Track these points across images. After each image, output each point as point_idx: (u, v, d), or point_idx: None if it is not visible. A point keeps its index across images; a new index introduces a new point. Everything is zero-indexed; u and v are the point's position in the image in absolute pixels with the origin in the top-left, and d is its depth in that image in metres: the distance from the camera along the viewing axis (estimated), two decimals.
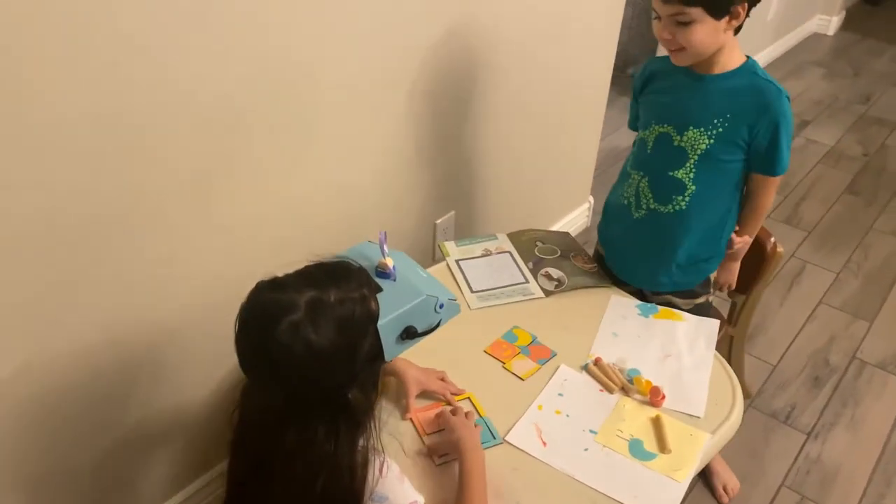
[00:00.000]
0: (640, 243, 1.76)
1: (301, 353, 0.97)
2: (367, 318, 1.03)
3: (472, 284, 1.79)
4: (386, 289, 1.07)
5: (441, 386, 1.46)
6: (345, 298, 1.01)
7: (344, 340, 1.00)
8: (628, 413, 1.48)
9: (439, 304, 1.12)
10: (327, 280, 1.02)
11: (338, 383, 1.03)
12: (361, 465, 1.07)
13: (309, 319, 0.98)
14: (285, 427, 1.06)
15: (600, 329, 1.69)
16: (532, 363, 1.58)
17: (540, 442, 1.41)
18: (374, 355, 1.06)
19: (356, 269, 1.08)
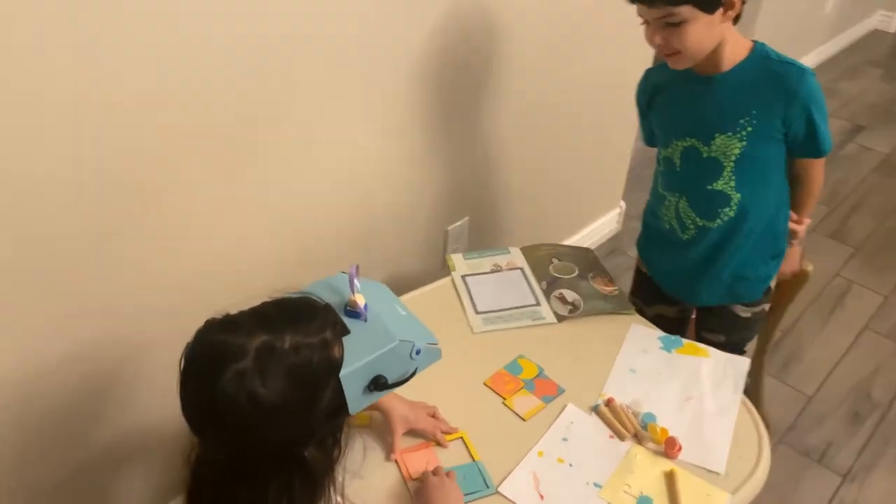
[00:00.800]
0: (693, 263, 1.60)
1: (246, 407, 0.84)
2: (327, 368, 0.89)
3: (478, 304, 1.64)
4: (354, 331, 0.93)
5: (431, 424, 1.31)
6: (301, 344, 0.87)
7: (298, 393, 0.86)
8: (639, 465, 1.32)
9: (415, 350, 0.98)
10: (284, 321, 0.88)
11: (291, 440, 0.89)
12: None
13: (257, 369, 0.84)
14: (236, 482, 0.93)
15: (616, 363, 1.52)
16: (536, 400, 1.43)
17: (537, 495, 1.26)
18: (335, 408, 0.92)
19: (321, 307, 0.93)
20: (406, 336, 0.96)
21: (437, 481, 1.20)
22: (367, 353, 0.92)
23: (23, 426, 1.31)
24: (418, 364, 0.99)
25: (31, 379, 1.28)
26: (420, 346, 0.98)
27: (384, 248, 1.85)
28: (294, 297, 0.94)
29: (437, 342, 1.02)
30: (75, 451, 1.43)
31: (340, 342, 0.91)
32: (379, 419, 1.32)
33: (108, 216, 1.25)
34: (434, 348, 1.02)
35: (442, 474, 1.22)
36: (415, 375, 0.99)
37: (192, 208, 1.37)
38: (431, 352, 1.01)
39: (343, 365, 0.90)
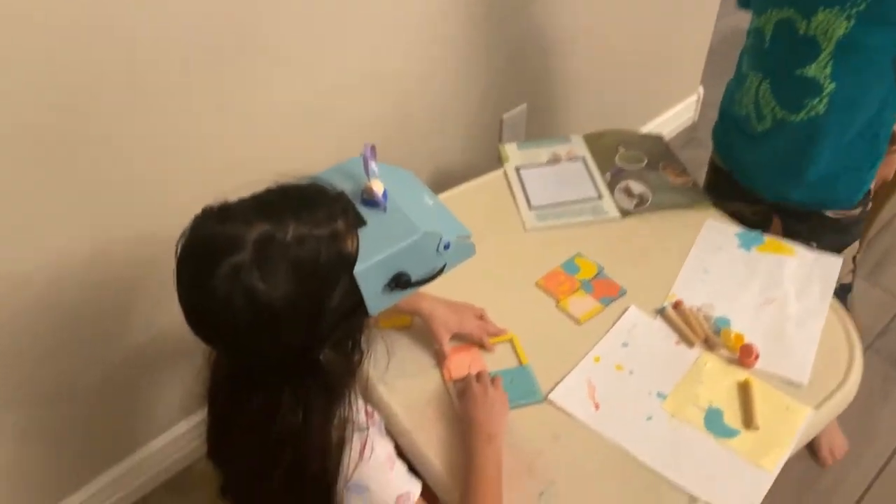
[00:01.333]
0: (772, 159, 1.38)
1: (244, 306, 0.73)
2: (337, 262, 0.77)
3: (532, 198, 1.48)
4: (372, 222, 0.80)
5: (477, 327, 1.20)
6: (307, 235, 0.75)
7: (304, 290, 0.75)
8: (709, 374, 1.18)
9: (443, 244, 0.84)
10: (288, 209, 0.76)
11: (301, 343, 0.79)
12: (336, 445, 0.85)
13: (255, 262, 0.73)
14: (249, 390, 0.84)
15: (687, 262, 1.36)
16: (594, 302, 1.29)
17: (592, 403, 1.14)
18: (350, 309, 0.80)
19: (332, 194, 0.81)
20: (432, 227, 0.83)
21: (480, 389, 1.09)
22: (386, 247, 0.79)
23: (54, 326, 1.27)
24: (447, 260, 0.86)
25: (60, 278, 1.23)
26: (449, 239, 0.84)
27: (430, 139, 1.70)
28: (301, 184, 0.81)
29: (470, 235, 0.89)
30: (107, 352, 1.39)
31: (355, 234, 0.79)
32: (420, 323, 1.21)
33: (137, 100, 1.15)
34: (466, 243, 0.88)
35: (486, 381, 1.12)
36: (442, 273, 0.86)
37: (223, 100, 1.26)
38: (463, 247, 0.88)
39: (358, 260, 0.78)
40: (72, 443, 1.44)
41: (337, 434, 0.85)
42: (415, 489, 0.90)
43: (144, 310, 1.40)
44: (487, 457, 0.99)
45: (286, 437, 0.83)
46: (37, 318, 1.24)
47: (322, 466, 0.84)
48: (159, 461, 1.61)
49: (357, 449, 0.86)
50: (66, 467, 1.47)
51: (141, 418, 1.54)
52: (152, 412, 1.56)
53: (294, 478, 0.85)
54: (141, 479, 1.60)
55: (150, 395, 1.53)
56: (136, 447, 1.57)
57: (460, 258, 0.88)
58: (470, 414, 1.05)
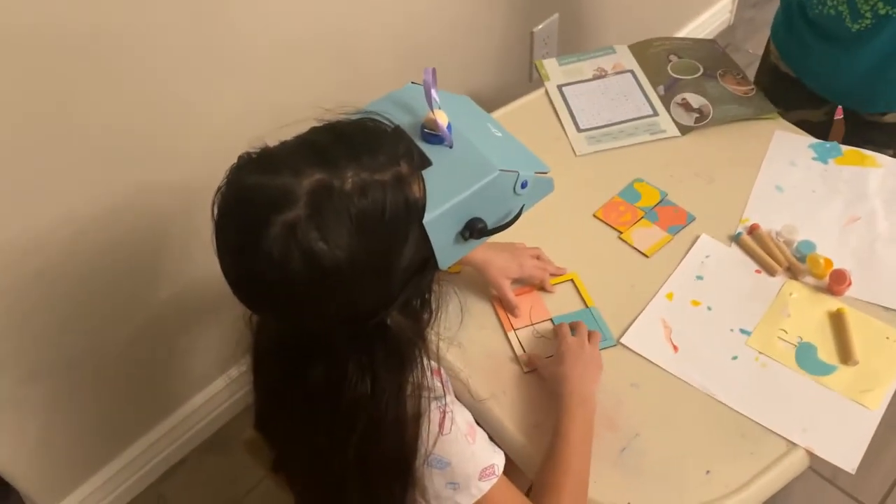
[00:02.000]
0: (862, 65, 1.22)
1: (302, 272, 0.61)
2: (405, 212, 0.64)
3: (580, 120, 1.34)
4: (437, 161, 0.67)
5: (536, 267, 1.08)
6: (369, 183, 0.62)
7: (370, 248, 0.63)
8: (796, 305, 1.07)
9: (521, 183, 0.71)
10: (342, 153, 0.63)
11: (367, 308, 0.67)
12: (413, 417, 0.74)
13: (312, 218, 0.60)
14: (306, 360, 0.74)
15: (758, 181, 1.23)
16: (660, 232, 1.17)
17: (669, 346, 1.03)
18: (420, 264, 0.68)
19: (389, 131, 0.67)
20: (508, 164, 0.69)
21: (576, 343, 0.98)
22: (458, 190, 0.66)
23: (73, 288, 1.17)
24: (525, 201, 0.73)
25: (75, 237, 1.12)
26: (527, 176, 0.71)
27: (454, 57, 1.54)
28: (352, 120, 0.68)
29: (549, 170, 0.75)
30: (132, 311, 1.29)
31: (420, 177, 0.66)
32: (471, 273, 1.09)
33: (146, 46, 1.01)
34: (545, 179, 0.75)
35: (584, 334, 1.01)
36: (520, 216, 0.73)
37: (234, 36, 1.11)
38: (541, 183, 0.75)
39: (426, 207, 0.65)
40: (105, 409, 1.36)
41: (412, 404, 0.74)
42: (499, 461, 0.80)
43: (167, 264, 1.29)
44: (578, 420, 0.89)
45: (355, 411, 0.73)
46: (55, 280, 1.14)
47: (398, 442, 0.74)
48: (196, 421, 1.54)
49: (436, 420, 0.75)
50: (101, 434, 1.40)
51: (175, 378, 1.46)
52: (186, 371, 1.47)
53: (366, 456, 0.75)
54: (178, 441, 1.54)
55: (182, 353, 1.44)
56: (171, 409, 1.50)
57: (538, 197, 0.75)
58: (563, 371, 0.95)
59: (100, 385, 1.31)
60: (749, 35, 2.41)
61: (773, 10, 1.40)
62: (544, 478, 0.87)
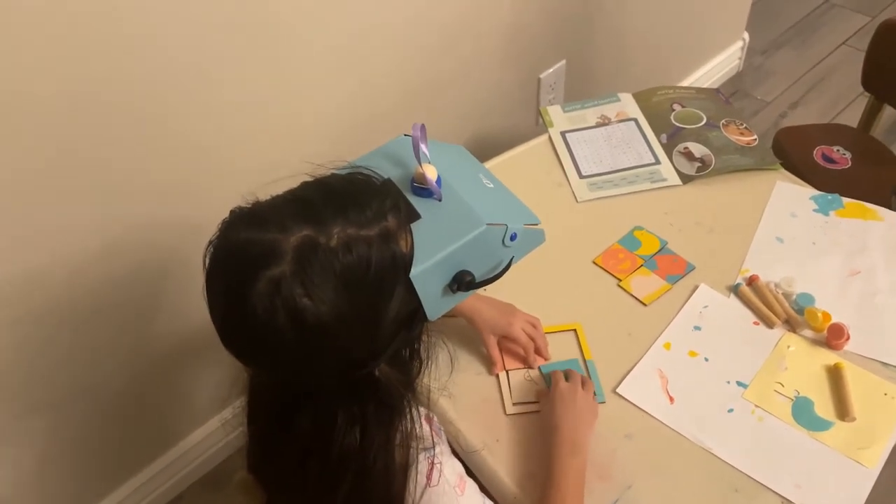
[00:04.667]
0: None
1: (287, 327, 0.62)
2: (392, 267, 0.65)
3: (582, 167, 1.36)
4: (426, 214, 0.68)
5: (525, 333, 1.07)
6: (355, 238, 0.63)
7: (355, 303, 0.64)
8: (794, 358, 1.06)
9: (510, 236, 0.72)
10: (330, 207, 0.65)
11: (353, 361, 0.68)
12: (401, 468, 0.74)
13: (297, 275, 0.62)
14: (296, 409, 0.74)
15: (759, 232, 1.23)
16: (659, 281, 1.17)
17: (665, 397, 1.03)
18: (407, 316, 0.69)
19: (378, 185, 0.69)
20: (496, 217, 0.71)
21: (568, 389, 0.98)
22: (446, 244, 0.68)
23: (73, 324, 1.18)
24: (514, 253, 0.74)
25: (74, 274, 1.13)
26: (516, 228, 0.72)
27: (460, 103, 1.56)
28: (341, 175, 0.69)
29: (539, 222, 0.77)
30: (131, 348, 1.30)
31: (408, 231, 0.67)
32: (462, 324, 1.10)
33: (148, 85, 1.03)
34: (535, 231, 0.76)
35: (577, 380, 1.01)
36: (510, 268, 0.74)
37: (238, 78, 1.13)
38: (531, 235, 0.76)
39: (414, 262, 0.66)
40: (102, 444, 1.37)
41: (401, 455, 0.74)
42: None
43: (167, 301, 1.30)
44: (570, 470, 0.89)
45: (343, 462, 0.73)
46: (55, 315, 1.15)
47: (386, 493, 0.74)
48: (193, 458, 1.54)
49: (424, 471, 0.75)
50: (98, 470, 1.40)
51: (172, 414, 1.46)
52: (184, 408, 1.48)
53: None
54: (175, 477, 1.53)
55: (180, 389, 1.45)
56: (169, 445, 1.50)
57: (528, 248, 0.76)
58: (555, 418, 0.95)
59: (97, 420, 1.31)
60: (758, 82, 2.43)
61: (781, 57, 1.41)
62: None
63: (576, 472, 0.90)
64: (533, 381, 1.06)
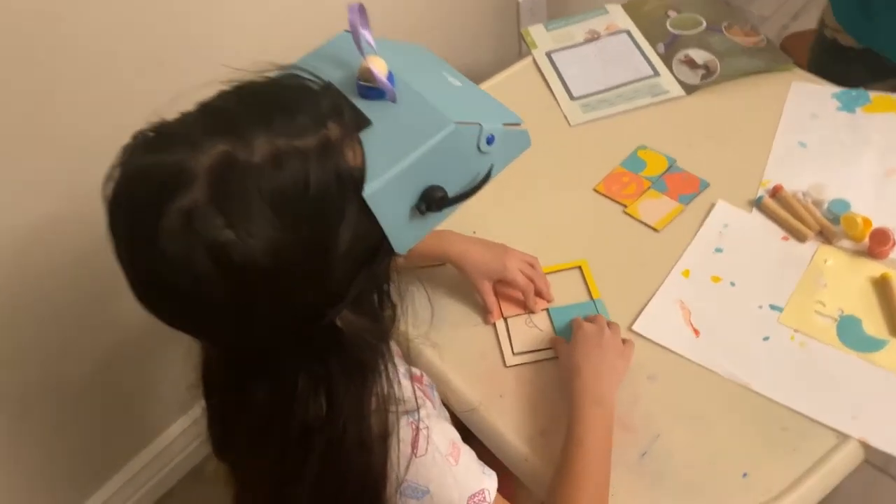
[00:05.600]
0: None
1: (209, 271, 0.48)
2: (337, 185, 0.51)
3: (573, 87, 1.21)
4: (378, 120, 0.54)
5: (523, 274, 0.93)
6: (286, 151, 0.49)
7: (294, 234, 0.50)
8: (834, 274, 0.92)
9: (486, 138, 0.58)
10: (252, 116, 0.50)
11: (304, 310, 0.55)
12: (379, 437, 0.61)
13: (214, 202, 0.48)
14: (249, 376, 0.61)
15: (777, 138, 1.09)
16: (670, 203, 1.03)
17: (689, 330, 0.90)
18: (368, 250, 0.55)
19: (315, 89, 0.54)
20: (467, 116, 0.56)
21: (593, 330, 0.85)
22: (405, 153, 0.53)
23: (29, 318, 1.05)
24: (493, 159, 0.60)
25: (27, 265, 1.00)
26: (492, 129, 0.58)
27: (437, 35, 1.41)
28: (267, 80, 0.55)
29: (521, 122, 0.62)
30: (96, 337, 1.17)
31: (357, 140, 0.53)
32: (452, 273, 0.96)
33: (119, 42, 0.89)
34: (517, 132, 0.62)
35: (602, 321, 0.87)
36: (490, 179, 0.60)
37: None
38: (513, 138, 0.61)
39: (367, 177, 0.52)
40: (78, 442, 1.24)
41: (378, 421, 0.61)
42: (490, 484, 0.67)
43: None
44: (594, 421, 0.76)
45: (309, 435, 0.60)
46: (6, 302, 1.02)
47: (363, 468, 0.61)
48: (178, 450, 1.41)
49: (407, 439, 0.62)
50: (74, 470, 1.28)
51: (150, 405, 1.34)
52: (165, 395, 1.35)
53: (327, 486, 0.62)
54: (162, 472, 1.41)
55: (156, 377, 1.32)
56: (149, 439, 1.37)
57: (512, 154, 0.62)
58: (575, 360, 0.81)
59: (66, 419, 1.19)
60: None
61: None
62: (558, 492, 0.73)
63: (601, 425, 0.76)
64: (536, 327, 0.92)
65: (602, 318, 0.88)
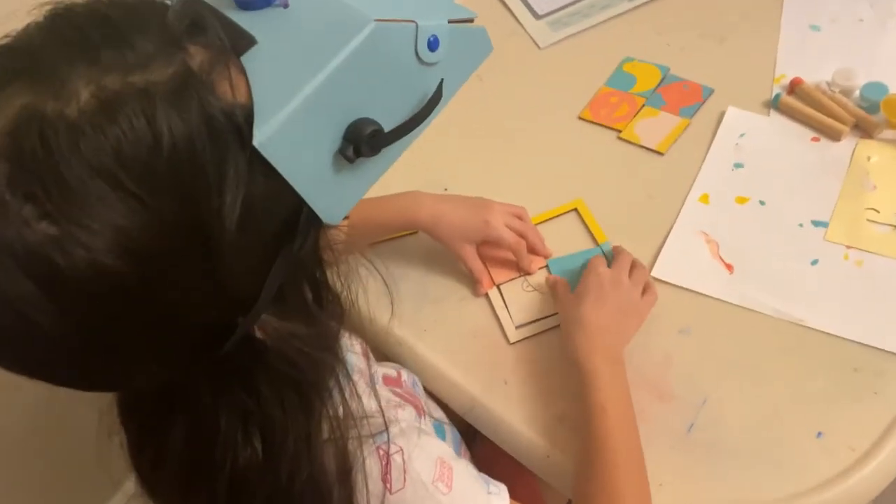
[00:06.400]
0: None
1: (26, 293, 0.32)
2: (208, 134, 0.34)
3: (535, 5, 1.03)
4: (267, 36, 0.37)
5: (509, 228, 0.76)
6: (120, 95, 0.32)
7: (153, 218, 0.33)
8: (881, 172, 0.76)
9: (427, 41, 0.40)
10: (68, 49, 0.33)
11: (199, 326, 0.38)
12: (339, 476, 0.45)
13: (19, 183, 0.31)
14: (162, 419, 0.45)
15: (784, 25, 0.92)
16: (672, 118, 0.86)
17: (721, 265, 0.74)
18: (281, 225, 0.38)
19: (168, 2, 0.37)
20: (394, 11, 0.39)
21: (608, 277, 0.69)
22: (311, 74, 0.36)
23: None
24: (443, 71, 0.42)
25: None
26: (434, 27, 0.40)
27: None
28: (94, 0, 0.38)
29: (475, 17, 0.45)
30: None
31: (236, 67, 0.36)
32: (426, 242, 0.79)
33: None
34: (471, 30, 0.44)
35: (623, 268, 0.70)
36: (441, 101, 0.42)
37: None
38: (465, 38, 0.44)
39: (257, 116, 0.35)
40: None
41: (334, 455, 0.45)
42: (500, 501, 0.51)
43: None
44: (613, 384, 0.61)
45: (243, 486, 0.44)
46: None
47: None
48: None
49: (376, 474, 0.46)
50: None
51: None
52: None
53: None
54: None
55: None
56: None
57: (467, 64, 0.45)
58: (580, 314, 0.65)
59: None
60: None
61: None
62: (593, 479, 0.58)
63: (622, 384, 0.62)
64: (536, 290, 0.76)
65: (625, 260, 0.71)
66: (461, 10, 0.44)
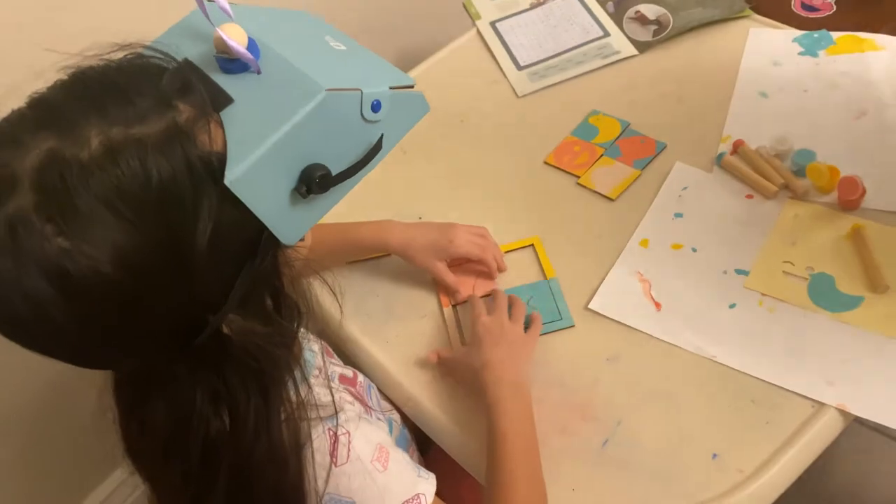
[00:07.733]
0: None
1: (46, 290, 0.42)
2: (188, 175, 0.44)
3: (519, 56, 1.14)
4: (242, 96, 0.48)
5: (474, 244, 0.87)
6: (123, 142, 0.43)
7: (143, 237, 0.43)
8: (803, 230, 0.86)
9: (370, 104, 0.51)
10: (81, 105, 0.44)
11: (176, 322, 0.48)
12: (292, 449, 0.55)
13: (44, 209, 0.41)
14: (147, 393, 0.55)
15: (737, 90, 1.02)
16: (625, 169, 0.96)
17: (650, 303, 0.83)
18: (245, 244, 0.49)
19: (160, 66, 0.48)
20: (344, 81, 0.49)
21: (492, 323, 0.78)
22: (273, 129, 0.47)
23: None
24: (383, 128, 0.53)
25: None
26: (376, 93, 0.51)
27: (382, 20, 1.34)
28: (105, 63, 0.48)
29: (414, 83, 0.55)
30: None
31: (215, 122, 0.46)
32: (396, 265, 0.89)
33: None
34: (409, 95, 0.54)
35: (501, 311, 0.80)
36: (381, 150, 0.53)
37: None
38: (406, 102, 0.54)
39: (229, 160, 0.46)
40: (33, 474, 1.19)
41: (290, 432, 0.55)
42: (426, 487, 0.61)
43: None
44: (514, 413, 0.70)
45: (213, 453, 0.54)
46: None
47: (277, 483, 0.55)
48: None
49: (324, 449, 0.56)
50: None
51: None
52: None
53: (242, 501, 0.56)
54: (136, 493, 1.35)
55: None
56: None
57: (406, 122, 0.55)
58: (482, 358, 0.75)
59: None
60: None
61: None
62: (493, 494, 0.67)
63: (523, 409, 0.71)
64: None
65: (502, 303, 0.81)
66: (403, 78, 0.54)
